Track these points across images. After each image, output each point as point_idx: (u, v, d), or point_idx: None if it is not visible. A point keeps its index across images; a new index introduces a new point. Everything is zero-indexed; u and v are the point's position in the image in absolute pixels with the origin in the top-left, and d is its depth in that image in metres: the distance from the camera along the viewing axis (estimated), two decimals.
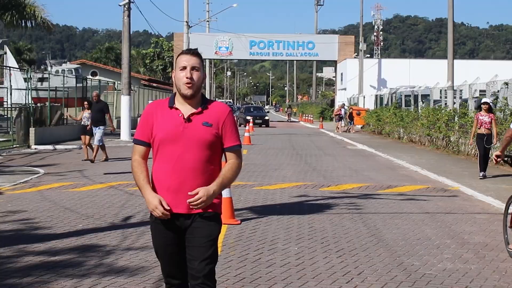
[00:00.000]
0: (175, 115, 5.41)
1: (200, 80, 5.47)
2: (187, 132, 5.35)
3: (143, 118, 5.55)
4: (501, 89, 26.40)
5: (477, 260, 9.80)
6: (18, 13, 38.36)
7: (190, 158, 5.34)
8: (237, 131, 5.58)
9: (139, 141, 5.54)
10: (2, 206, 14.31)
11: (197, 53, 5.52)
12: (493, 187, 17.91)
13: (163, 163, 5.40)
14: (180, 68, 5.43)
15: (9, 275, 8.60)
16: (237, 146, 5.55)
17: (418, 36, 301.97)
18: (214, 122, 5.43)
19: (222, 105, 5.62)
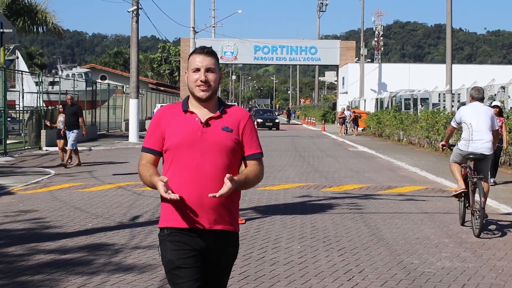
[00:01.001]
0: (191, 120, 4.88)
1: (216, 82, 4.93)
2: (206, 137, 4.83)
3: (153, 124, 5.00)
4: (498, 93, 26.42)
5: (474, 258, 9.79)
6: (30, 19, 38.45)
7: (210, 165, 4.79)
8: (257, 138, 5.07)
9: (148, 149, 4.96)
10: (14, 206, 14.33)
11: (211, 52, 4.95)
12: (490, 188, 17.82)
13: (180, 172, 4.81)
14: (193, 69, 4.89)
15: (21, 272, 8.62)
16: (259, 154, 5.04)
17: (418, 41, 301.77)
18: (234, 128, 4.92)
19: (241, 109, 5.11)
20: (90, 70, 76.30)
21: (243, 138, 4.94)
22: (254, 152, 5.01)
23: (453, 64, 37.54)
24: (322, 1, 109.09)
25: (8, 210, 13.82)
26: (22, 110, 35.18)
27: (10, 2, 36.57)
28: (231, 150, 4.85)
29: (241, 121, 4.96)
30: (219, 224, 4.83)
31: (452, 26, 36.69)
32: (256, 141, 5.03)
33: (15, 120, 40.21)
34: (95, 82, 46.71)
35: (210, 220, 4.79)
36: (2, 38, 18.44)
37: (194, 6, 63.76)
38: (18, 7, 37.70)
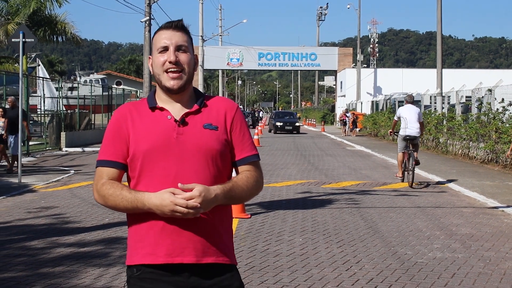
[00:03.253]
0: (162, 118, 3.46)
1: (190, 66, 3.50)
2: (183, 140, 3.40)
3: (111, 130, 3.52)
4: (485, 95, 26.33)
5: (464, 249, 9.78)
6: (50, 29, 38.48)
7: (191, 176, 3.34)
8: (250, 136, 3.67)
9: (108, 162, 3.45)
10: (36, 203, 14.35)
11: (182, 27, 3.53)
12: (478, 184, 17.86)
13: (152, 187, 3.32)
14: (160, 49, 3.46)
15: (43, 264, 8.63)
16: (253, 156, 3.60)
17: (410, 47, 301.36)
18: (219, 124, 3.51)
19: (225, 100, 3.67)
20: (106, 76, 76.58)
21: (232, 137, 3.56)
22: (247, 154, 3.59)
23: (443, 69, 37.51)
24: (321, 11, 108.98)
25: (31, 206, 13.84)
26: (43, 113, 35.25)
27: (31, 13, 36.59)
28: (218, 154, 3.46)
29: (227, 114, 3.56)
30: (210, 256, 3.38)
31: (442, 33, 36.64)
32: (249, 139, 3.65)
33: (37, 123, 40.34)
34: (111, 87, 46.77)
35: (197, 251, 3.35)
36: (24, 47, 18.40)
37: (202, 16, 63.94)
38: (39, 18, 37.72)
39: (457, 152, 27.82)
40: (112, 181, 3.43)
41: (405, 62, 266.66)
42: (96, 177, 3.50)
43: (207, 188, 3.25)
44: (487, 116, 24.67)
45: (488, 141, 23.79)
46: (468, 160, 25.67)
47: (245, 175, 3.54)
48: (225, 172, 3.53)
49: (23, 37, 18.27)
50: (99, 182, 3.44)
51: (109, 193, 3.37)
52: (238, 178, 3.49)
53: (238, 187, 3.45)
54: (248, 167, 3.60)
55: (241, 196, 3.51)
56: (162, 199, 3.20)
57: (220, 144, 3.48)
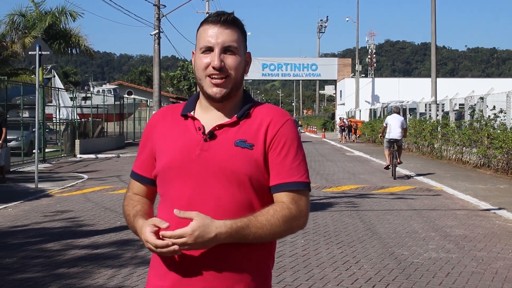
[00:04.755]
0: (191, 129, 2.75)
1: (239, 70, 2.74)
2: (205, 158, 2.66)
3: (142, 137, 2.98)
4: (477, 103, 26.33)
5: (457, 250, 9.77)
6: (65, 42, 38.61)
7: (210, 202, 2.62)
8: (298, 157, 2.75)
9: (134, 174, 2.95)
10: (52, 207, 14.37)
11: (233, 21, 2.74)
12: (471, 187, 17.84)
13: (167, 212, 2.68)
14: (203, 49, 2.73)
15: (59, 265, 8.65)
16: (293, 184, 2.69)
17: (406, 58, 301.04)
18: (257, 141, 2.68)
19: (275, 110, 2.79)
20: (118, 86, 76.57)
21: (269, 157, 2.69)
22: (284, 181, 2.68)
23: (437, 78, 37.47)
24: (322, 24, 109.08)
25: (47, 210, 13.86)
26: (58, 122, 35.31)
27: (47, 27, 36.71)
28: (248, 179, 2.64)
29: (269, 128, 2.70)
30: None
31: (436, 44, 36.62)
32: (293, 161, 2.71)
33: (53, 131, 40.41)
34: (122, 97, 46.84)
35: None
36: (40, 60, 18.46)
37: None
38: (54, 31, 37.83)
39: (451, 157, 27.82)
40: (133, 196, 2.92)
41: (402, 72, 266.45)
42: (128, 187, 3.05)
43: (207, 224, 2.48)
44: (480, 122, 24.67)
45: (480, 147, 23.76)
46: (462, 164, 25.65)
47: (274, 208, 2.62)
48: (260, 201, 2.69)
49: (39, 50, 18.33)
50: (127, 193, 3.00)
51: (124, 209, 2.91)
52: (263, 212, 2.61)
53: (257, 224, 2.57)
54: (285, 197, 2.66)
55: (260, 235, 2.59)
56: (141, 233, 2.62)
57: (252, 167, 2.64)
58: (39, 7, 37.66)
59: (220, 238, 2.51)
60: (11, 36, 36.87)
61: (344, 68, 78.42)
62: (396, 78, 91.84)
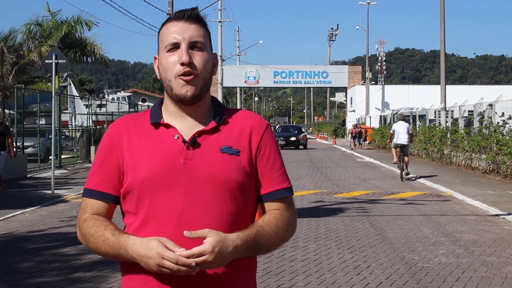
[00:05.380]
0: (167, 138, 2.50)
1: (207, 68, 2.50)
2: (192, 167, 2.43)
3: (101, 150, 2.58)
4: (486, 110, 26.27)
5: (467, 255, 9.74)
6: (80, 51, 38.74)
7: (202, 215, 2.40)
8: (282, 163, 2.63)
9: (94, 192, 2.53)
10: (68, 212, 14.42)
11: (197, 17, 2.53)
12: (481, 193, 17.78)
13: (151, 229, 2.41)
14: (168, 47, 2.48)
15: (75, 269, 8.67)
16: (284, 190, 2.59)
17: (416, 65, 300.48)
18: (242, 147, 2.51)
19: (252, 116, 2.63)
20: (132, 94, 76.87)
21: (257, 164, 2.54)
22: (276, 188, 2.57)
23: (446, 85, 37.35)
24: (332, 32, 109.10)
25: (63, 216, 13.91)
26: (74, 129, 35.45)
27: (63, 36, 36.85)
28: (239, 186, 2.47)
29: (253, 135, 2.55)
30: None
31: (445, 51, 36.55)
32: (280, 168, 2.60)
33: (68, 138, 40.53)
34: (136, 104, 47.05)
35: None
36: (57, 68, 18.54)
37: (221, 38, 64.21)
38: (70, 40, 37.98)
39: (460, 163, 27.74)
40: (96, 217, 2.50)
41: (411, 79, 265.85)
42: (80, 210, 2.59)
43: (223, 239, 2.28)
44: (488, 129, 24.59)
45: (489, 153, 23.69)
46: (471, 170, 25.56)
47: (273, 216, 2.51)
48: (248, 211, 2.54)
49: (55, 59, 18.41)
50: (82, 217, 2.54)
51: (90, 233, 2.46)
52: (265, 221, 2.48)
53: (265, 234, 2.44)
54: (278, 204, 2.56)
55: (268, 246, 2.49)
56: (147, 248, 2.25)
57: (242, 174, 2.47)
58: (55, 16, 37.82)
59: (238, 252, 2.33)
60: (28, 45, 37.04)
61: (355, 75, 78.39)
62: (405, 85, 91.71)
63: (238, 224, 2.44)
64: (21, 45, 36.37)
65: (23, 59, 34.97)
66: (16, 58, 33.37)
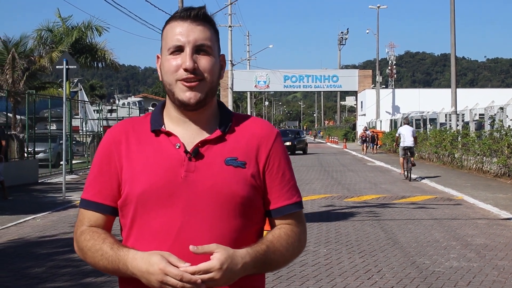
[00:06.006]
0: (168, 147, 2.31)
1: (214, 72, 2.31)
2: (194, 180, 2.25)
3: (98, 158, 2.43)
4: (497, 113, 26.20)
5: (478, 259, 9.71)
6: (91, 56, 38.85)
7: (203, 232, 2.23)
8: (293, 175, 2.47)
9: (90, 203, 2.40)
10: None
11: (204, 17, 2.32)
12: (492, 196, 17.72)
13: (147, 245, 2.23)
14: (171, 49, 2.30)
15: (86, 275, 8.69)
16: (295, 205, 2.43)
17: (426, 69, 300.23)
18: (248, 159, 2.32)
19: (261, 124, 2.43)
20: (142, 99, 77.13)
21: (266, 178, 2.36)
22: (286, 202, 2.40)
23: (457, 89, 37.27)
24: (342, 36, 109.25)
25: (74, 221, 13.78)
26: (85, 134, 35.57)
27: (74, 42, 36.96)
28: (244, 201, 2.29)
29: (261, 145, 2.36)
30: None
31: (456, 55, 36.48)
32: (290, 181, 2.43)
33: (79, 143, 40.69)
34: (147, 109, 47.12)
35: None
36: (67, 73, 18.61)
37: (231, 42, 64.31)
38: (81, 46, 38.10)
39: (471, 166, 27.65)
40: (94, 229, 2.35)
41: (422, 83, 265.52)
42: (76, 221, 2.45)
43: (232, 255, 2.12)
44: (500, 132, 24.52)
45: (500, 156, 23.63)
46: (482, 174, 25.49)
47: (284, 232, 2.36)
48: (254, 227, 2.36)
49: (66, 64, 18.48)
50: (79, 229, 2.39)
51: (88, 246, 2.30)
52: (275, 237, 2.32)
53: (275, 251, 2.28)
54: (288, 220, 2.41)
55: (278, 263, 2.33)
56: (149, 263, 2.09)
57: (248, 188, 2.29)
58: (66, 22, 37.96)
59: (247, 269, 2.18)
60: (39, 51, 37.19)
61: (365, 79, 78.29)
62: (416, 89, 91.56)
63: (242, 241, 2.26)
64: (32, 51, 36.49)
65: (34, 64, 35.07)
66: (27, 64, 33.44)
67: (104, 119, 38.36)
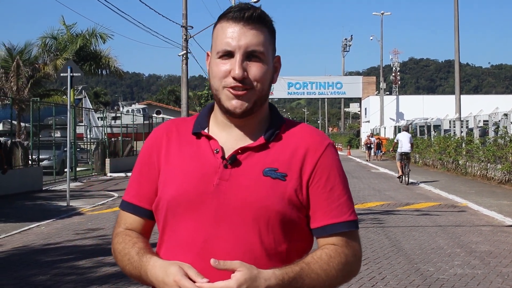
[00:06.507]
0: (206, 152, 2.15)
1: (265, 80, 2.13)
2: (226, 190, 2.08)
3: (140, 158, 2.35)
4: (501, 120, 26.20)
5: (483, 266, 9.70)
6: (95, 64, 39.00)
7: (231, 247, 2.05)
8: (345, 190, 2.22)
9: (128, 205, 2.31)
10: (83, 225, 14.47)
11: (259, 19, 2.11)
12: (496, 203, 17.70)
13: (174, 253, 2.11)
14: (220, 53, 2.11)
15: (91, 282, 8.70)
16: (345, 224, 2.15)
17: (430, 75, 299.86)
18: (291, 171, 2.11)
19: (312, 132, 2.22)
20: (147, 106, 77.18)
21: (310, 193, 2.13)
22: (333, 221, 2.14)
23: (461, 95, 37.26)
24: (346, 43, 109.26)
25: (79, 228, 13.97)
26: (89, 141, 35.64)
27: (78, 49, 37.11)
28: (280, 217, 2.07)
29: (307, 156, 2.14)
30: None
31: (460, 61, 36.47)
32: (341, 196, 2.18)
33: (83, 150, 40.75)
34: (151, 117, 47.10)
35: None
36: (72, 81, 18.65)
37: None
38: (85, 53, 38.24)
39: (475, 173, 27.61)
40: (128, 233, 2.25)
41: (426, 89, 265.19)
42: (115, 223, 2.37)
43: (254, 277, 1.91)
44: (504, 139, 24.52)
45: (505, 163, 23.61)
46: (486, 180, 25.47)
47: (326, 253, 2.09)
48: (294, 246, 2.13)
49: (70, 72, 18.53)
50: (115, 231, 2.32)
51: (118, 249, 2.21)
52: (314, 258, 2.06)
53: (311, 273, 2.02)
54: (335, 239, 2.13)
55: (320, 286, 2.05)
56: (165, 273, 1.97)
57: (284, 203, 2.07)
58: (70, 29, 38.12)
59: None
60: (44, 58, 37.35)
61: (369, 86, 78.27)
62: (420, 95, 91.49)
63: (276, 260, 2.06)
64: (36, 59, 36.66)
65: (38, 72, 35.23)
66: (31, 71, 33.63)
67: (108, 126, 38.40)
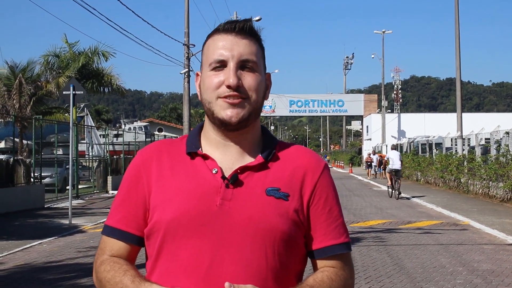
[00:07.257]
0: (204, 171, 2.10)
1: (259, 91, 2.11)
2: (230, 210, 2.03)
3: (126, 180, 2.23)
4: (503, 138, 26.19)
5: (485, 285, 9.68)
6: (98, 81, 39.07)
7: (238, 269, 1.99)
8: (340, 213, 2.21)
9: (113, 230, 2.17)
10: (85, 243, 14.47)
11: (250, 30, 2.12)
12: (498, 221, 17.69)
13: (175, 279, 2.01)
14: (213, 64, 2.09)
15: None
16: (342, 246, 2.18)
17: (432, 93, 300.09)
18: (292, 191, 2.10)
19: (308, 154, 2.22)
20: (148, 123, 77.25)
21: (310, 213, 2.13)
22: (332, 242, 2.16)
23: (463, 113, 37.36)
24: (348, 60, 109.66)
25: (81, 246, 13.96)
26: (91, 159, 35.67)
27: (80, 67, 37.20)
28: (284, 237, 2.05)
29: (306, 177, 2.14)
30: None
31: (461, 79, 36.57)
32: (337, 218, 2.19)
33: (85, 168, 40.76)
34: (153, 134, 47.26)
35: None
36: (74, 99, 18.71)
37: None
38: (87, 71, 38.34)
39: (477, 191, 27.61)
40: (116, 260, 2.13)
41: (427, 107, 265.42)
42: (98, 250, 2.22)
43: None
44: (506, 157, 24.52)
45: (507, 181, 23.60)
46: (488, 199, 25.44)
47: (327, 276, 2.10)
48: (292, 268, 2.13)
49: (73, 90, 18.59)
50: (99, 258, 2.17)
51: (107, 278, 2.08)
52: (317, 281, 2.07)
53: None
54: (333, 262, 2.15)
55: None
56: None
57: (289, 223, 2.06)
58: (73, 47, 38.24)
59: None
60: (46, 76, 37.43)
61: (370, 103, 78.37)
62: (421, 113, 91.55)
63: (280, 283, 2.04)
64: (39, 76, 36.73)
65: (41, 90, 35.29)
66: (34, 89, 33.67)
67: (110, 144, 38.45)
